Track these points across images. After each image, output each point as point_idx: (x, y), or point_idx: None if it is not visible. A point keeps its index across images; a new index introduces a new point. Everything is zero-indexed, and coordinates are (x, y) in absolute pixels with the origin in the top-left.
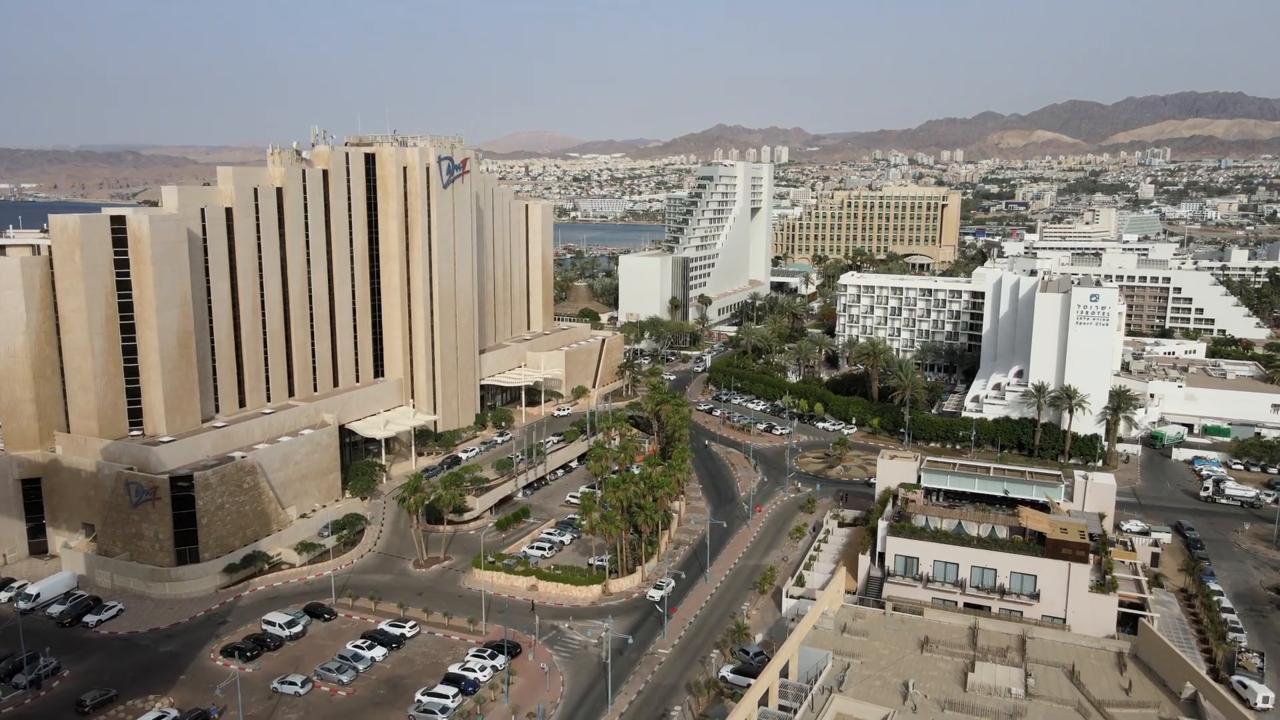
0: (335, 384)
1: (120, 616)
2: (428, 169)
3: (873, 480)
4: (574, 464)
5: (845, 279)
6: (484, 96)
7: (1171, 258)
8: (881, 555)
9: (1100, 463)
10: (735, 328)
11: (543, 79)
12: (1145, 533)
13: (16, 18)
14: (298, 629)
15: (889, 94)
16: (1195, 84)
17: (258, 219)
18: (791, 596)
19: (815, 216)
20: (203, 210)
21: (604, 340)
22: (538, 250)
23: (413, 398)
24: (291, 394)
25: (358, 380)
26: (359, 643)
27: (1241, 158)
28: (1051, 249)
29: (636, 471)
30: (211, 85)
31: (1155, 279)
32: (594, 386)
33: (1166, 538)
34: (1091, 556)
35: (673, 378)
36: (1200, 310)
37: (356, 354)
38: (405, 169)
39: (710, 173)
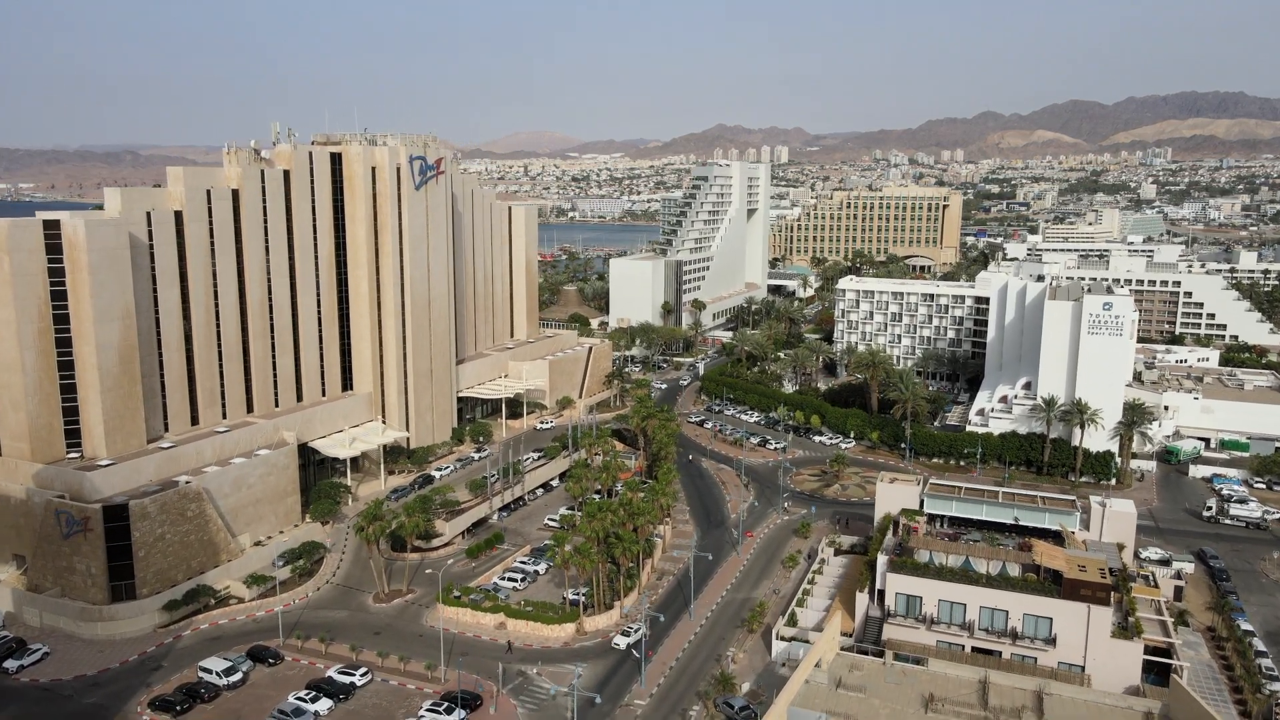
0: (299, 399)
1: (45, 661)
2: (398, 169)
3: (872, 500)
4: (555, 482)
5: (843, 283)
6: (484, 96)
7: (1178, 260)
8: (881, 593)
9: (1113, 481)
10: (731, 333)
11: (543, 79)
12: (1166, 562)
13: (16, 18)
14: (237, 677)
15: (889, 94)
16: (1196, 84)
17: (211, 223)
18: (782, 638)
19: (814, 217)
20: (149, 214)
21: (590, 349)
22: (521, 254)
23: (383, 413)
24: (250, 410)
25: (324, 394)
26: (302, 694)
27: (1243, 158)
28: (1055, 250)
29: (620, 491)
30: (211, 85)
31: (1165, 283)
32: (580, 397)
33: (1189, 568)
34: (1112, 595)
35: (664, 386)
36: (1212, 316)
37: (323, 366)
38: (374, 169)
39: (705, 173)
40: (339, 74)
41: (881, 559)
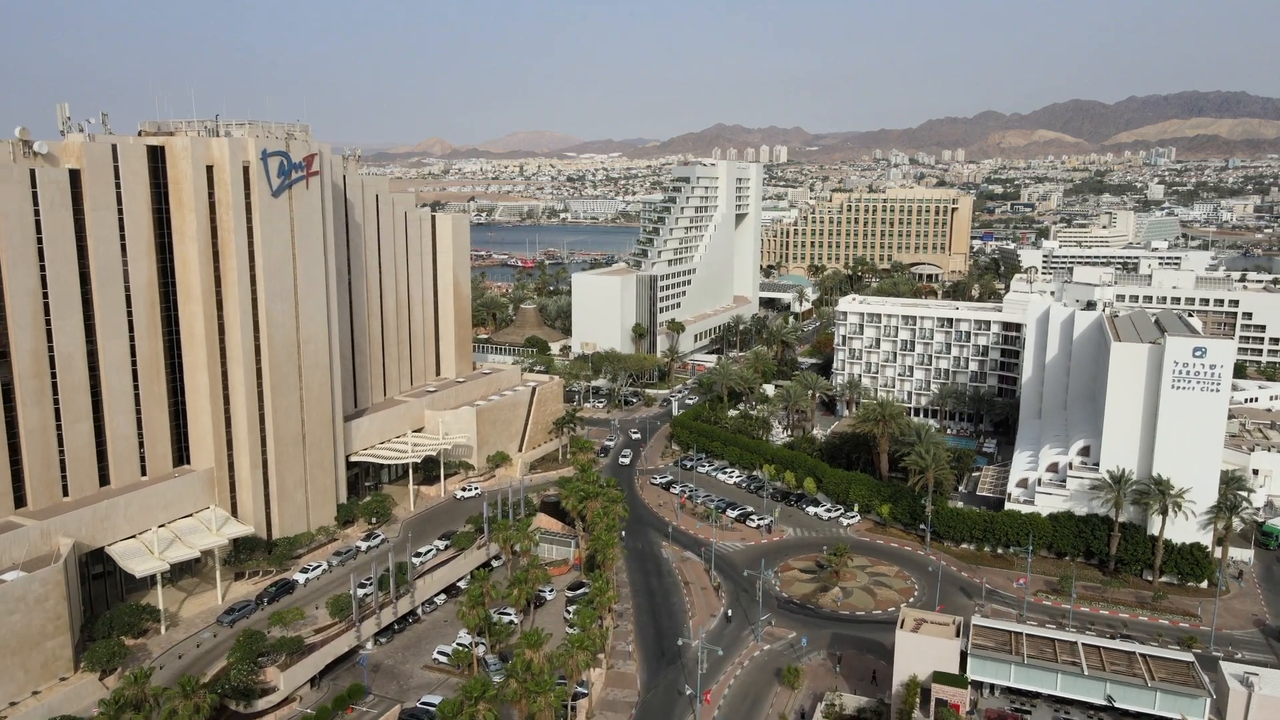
0: (103, 482)
1: None
2: (246, 169)
3: (885, 613)
4: (464, 583)
5: (844, 305)
6: (484, 96)
7: (1208, 270)
8: None
9: (1207, 584)
10: (716, 356)
11: (542, 79)
12: None
13: (16, 17)
14: None
15: (889, 94)
16: (1198, 83)
17: None
18: None
19: (811, 221)
20: None
21: (534, 389)
22: (449, 275)
23: (231, 494)
24: (21, 505)
25: (144, 474)
26: None
27: (1247, 157)
28: (1080, 263)
29: (548, 599)
30: (210, 86)
31: (1220, 302)
32: (520, 451)
33: None
34: None
35: (635, 434)
36: (1275, 341)
37: (141, 436)
38: (210, 169)
39: (686, 173)
40: (339, 74)
41: None
